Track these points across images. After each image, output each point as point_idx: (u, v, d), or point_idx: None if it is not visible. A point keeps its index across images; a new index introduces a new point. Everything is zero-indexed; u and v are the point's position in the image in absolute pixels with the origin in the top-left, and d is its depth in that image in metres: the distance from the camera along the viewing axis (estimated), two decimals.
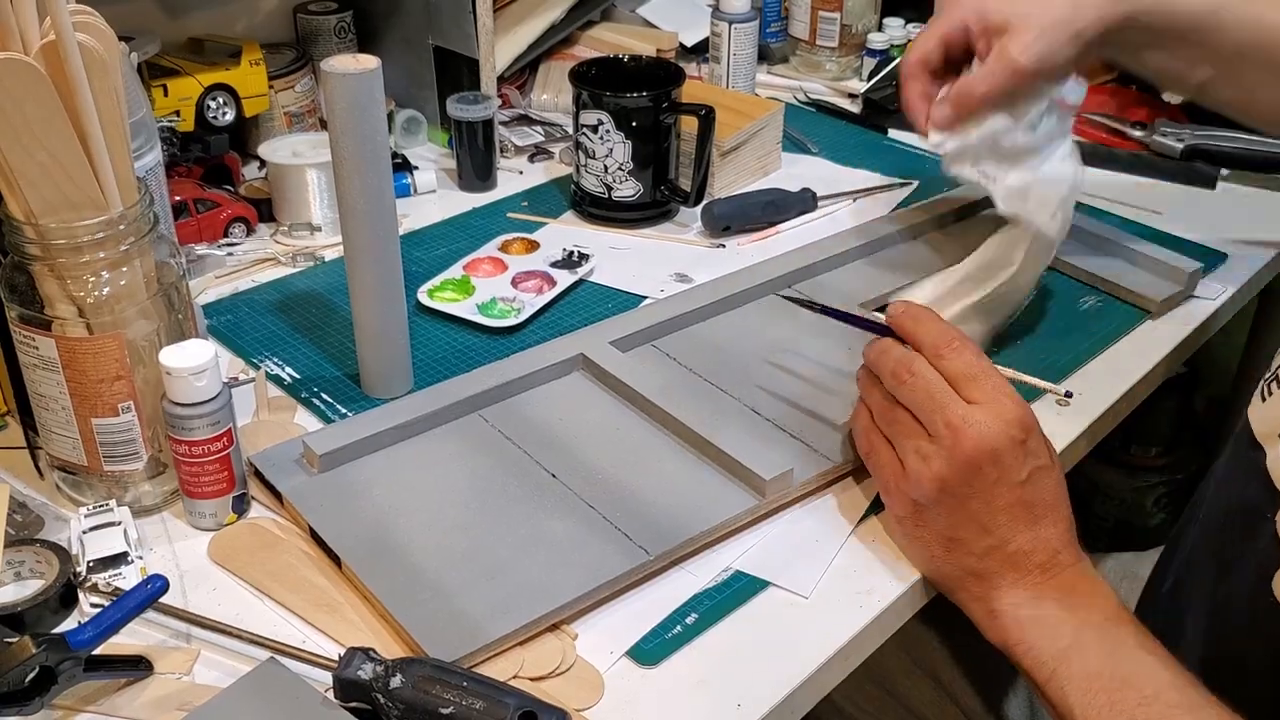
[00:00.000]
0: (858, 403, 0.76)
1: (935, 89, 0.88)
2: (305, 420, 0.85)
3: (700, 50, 1.43)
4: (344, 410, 0.85)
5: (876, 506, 0.77)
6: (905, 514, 0.71)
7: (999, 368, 0.71)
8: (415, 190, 1.16)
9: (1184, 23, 0.86)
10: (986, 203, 0.98)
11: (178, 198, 1.02)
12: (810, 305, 0.83)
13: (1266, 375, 0.73)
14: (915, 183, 1.17)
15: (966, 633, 0.71)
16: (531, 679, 0.64)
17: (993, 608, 0.68)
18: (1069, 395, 0.84)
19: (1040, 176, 0.88)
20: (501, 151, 1.22)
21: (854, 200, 1.15)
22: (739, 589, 0.71)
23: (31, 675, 0.59)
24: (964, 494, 0.67)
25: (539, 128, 1.30)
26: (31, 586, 0.69)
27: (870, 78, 1.39)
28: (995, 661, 0.69)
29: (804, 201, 1.12)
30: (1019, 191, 0.88)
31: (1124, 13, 0.84)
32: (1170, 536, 0.90)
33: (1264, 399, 0.72)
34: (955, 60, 0.88)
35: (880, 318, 0.77)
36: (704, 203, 1.10)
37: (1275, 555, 0.66)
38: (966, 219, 1.07)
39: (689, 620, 0.69)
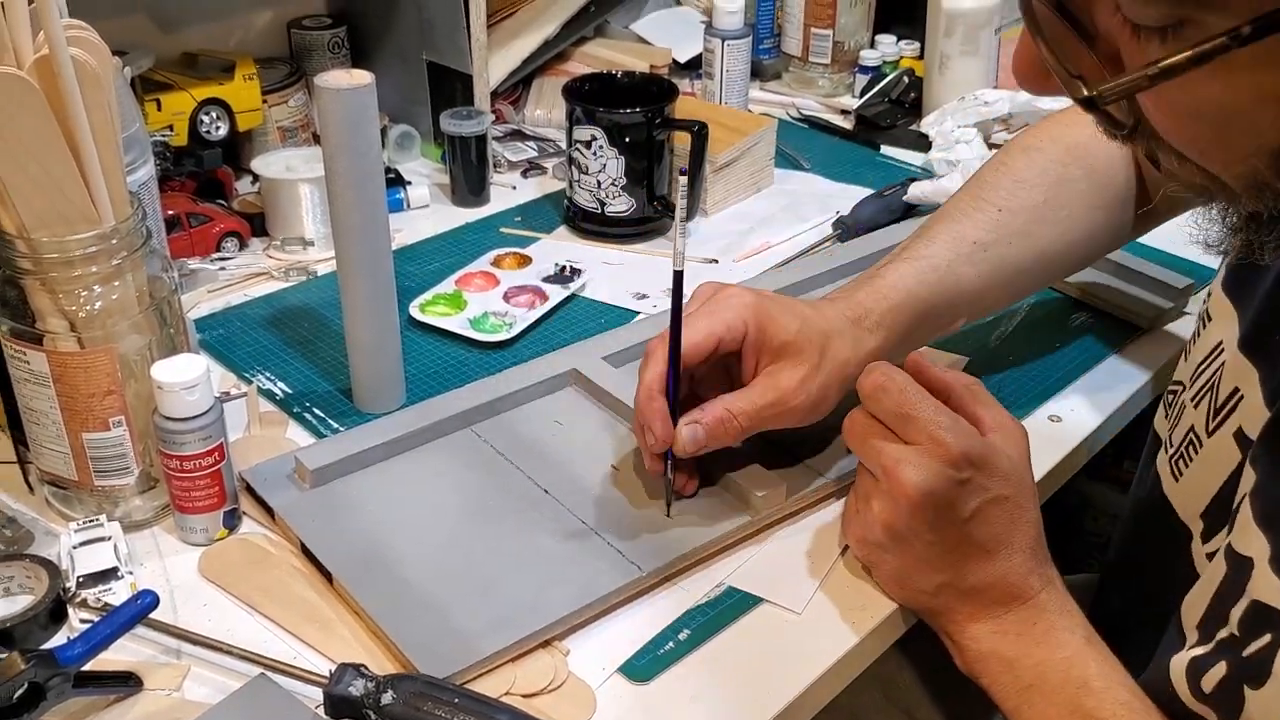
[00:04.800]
0: None
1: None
2: (297, 435, 0.85)
3: (694, 66, 1.43)
4: (336, 425, 0.85)
5: None
6: (860, 555, 0.72)
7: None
8: (408, 205, 1.16)
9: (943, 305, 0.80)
10: None
11: (170, 212, 1.02)
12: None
13: (1172, 452, 0.71)
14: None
15: (940, 668, 0.71)
16: (523, 696, 0.64)
17: (955, 641, 0.68)
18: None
19: None
20: (495, 167, 1.22)
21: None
22: (731, 605, 0.71)
23: (20, 691, 0.59)
24: (908, 534, 0.67)
25: (532, 143, 1.30)
26: (21, 602, 0.68)
27: (863, 94, 1.39)
28: (970, 696, 0.69)
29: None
30: None
31: (903, 332, 0.78)
32: None
33: (1176, 478, 0.70)
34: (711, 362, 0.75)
35: None
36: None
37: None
38: None
39: (681, 636, 0.69)
